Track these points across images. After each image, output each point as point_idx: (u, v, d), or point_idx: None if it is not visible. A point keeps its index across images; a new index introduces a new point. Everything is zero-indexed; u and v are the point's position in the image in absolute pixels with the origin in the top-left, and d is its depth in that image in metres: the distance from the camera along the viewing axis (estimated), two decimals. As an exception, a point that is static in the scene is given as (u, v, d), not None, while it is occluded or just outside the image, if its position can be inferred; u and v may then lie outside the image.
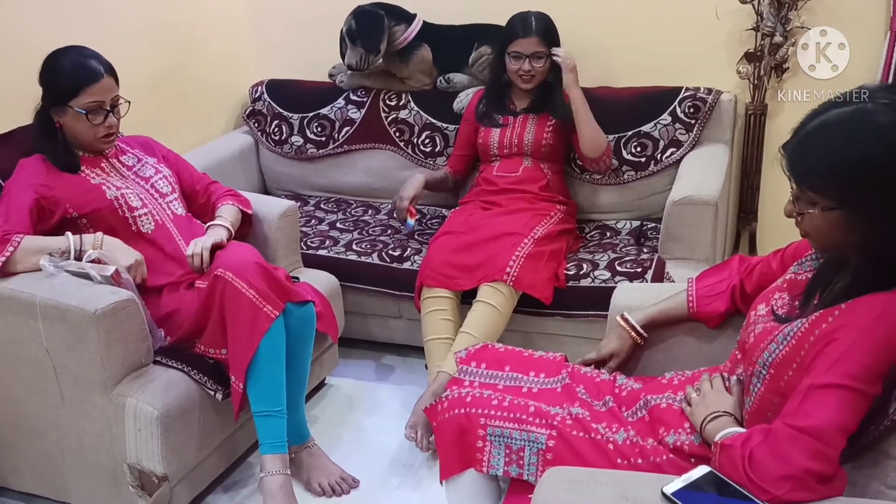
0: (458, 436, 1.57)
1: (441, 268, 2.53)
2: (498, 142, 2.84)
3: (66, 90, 2.09)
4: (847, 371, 1.20)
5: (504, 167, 2.84)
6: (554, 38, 2.77)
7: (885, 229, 1.23)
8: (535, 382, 1.67)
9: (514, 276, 2.45)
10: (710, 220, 2.52)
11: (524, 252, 2.51)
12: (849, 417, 1.19)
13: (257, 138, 3.38)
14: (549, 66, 2.78)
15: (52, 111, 2.12)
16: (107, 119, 2.14)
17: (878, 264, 1.26)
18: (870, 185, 1.21)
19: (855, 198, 1.22)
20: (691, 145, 2.90)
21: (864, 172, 1.21)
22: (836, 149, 1.22)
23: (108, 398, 1.97)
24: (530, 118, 2.83)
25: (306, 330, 2.21)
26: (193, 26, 3.22)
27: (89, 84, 2.09)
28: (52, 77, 2.10)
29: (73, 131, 2.14)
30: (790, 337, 1.31)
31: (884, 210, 1.21)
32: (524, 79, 2.78)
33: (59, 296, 1.93)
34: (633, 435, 1.52)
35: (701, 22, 2.92)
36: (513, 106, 2.88)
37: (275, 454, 2.08)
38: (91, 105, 2.10)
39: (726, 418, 1.39)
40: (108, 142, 2.20)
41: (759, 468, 1.19)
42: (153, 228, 2.21)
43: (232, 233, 2.30)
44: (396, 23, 3.06)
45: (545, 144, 2.80)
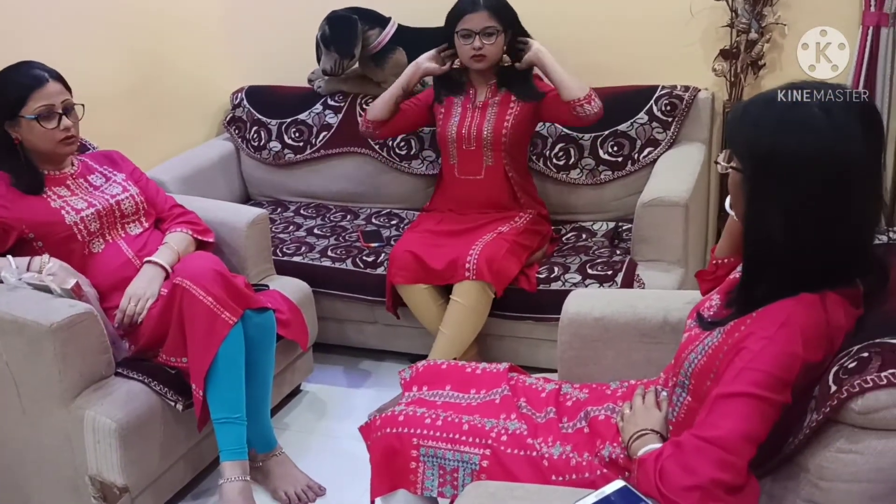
0: (388, 456, 1.56)
1: (408, 263, 2.53)
2: (456, 133, 2.68)
3: (13, 101, 2.10)
4: (752, 379, 1.18)
5: (464, 167, 2.73)
6: (506, 15, 2.59)
7: (762, 213, 1.24)
8: (474, 398, 1.66)
9: (475, 269, 2.44)
10: (680, 222, 2.50)
11: (483, 242, 2.51)
12: (755, 426, 1.17)
13: (238, 145, 3.39)
14: (502, 45, 2.61)
15: (6, 127, 2.13)
16: (61, 122, 2.14)
17: (778, 265, 1.24)
18: (770, 169, 1.22)
19: (753, 170, 1.25)
20: (669, 144, 2.88)
21: (772, 157, 1.21)
22: (764, 126, 1.24)
23: (67, 410, 1.99)
24: (490, 106, 2.67)
25: (266, 337, 2.22)
26: (170, 35, 3.23)
27: (34, 90, 2.10)
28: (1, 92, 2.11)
29: (32, 143, 2.15)
30: (708, 347, 1.31)
31: (768, 196, 1.22)
32: (475, 58, 2.59)
33: (15, 310, 1.96)
34: (569, 450, 1.50)
35: (675, 19, 2.88)
36: (472, 91, 2.72)
37: (234, 461, 2.09)
38: (41, 110, 2.11)
39: (651, 435, 1.38)
40: (68, 145, 2.19)
41: (668, 480, 1.18)
42: (103, 248, 2.23)
43: (168, 270, 2.24)
44: (370, 27, 3.05)
45: (506, 135, 2.64)
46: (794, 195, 1.20)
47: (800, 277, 1.23)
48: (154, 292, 2.17)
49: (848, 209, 1.21)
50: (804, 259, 1.23)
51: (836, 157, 1.18)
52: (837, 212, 1.21)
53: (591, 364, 1.84)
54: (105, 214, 2.24)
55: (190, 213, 2.44)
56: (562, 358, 1.88)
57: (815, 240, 1.22)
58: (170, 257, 2.25)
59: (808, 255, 1.23)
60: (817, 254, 1.23)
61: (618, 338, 1.82)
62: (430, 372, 1.76)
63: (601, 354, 1.83)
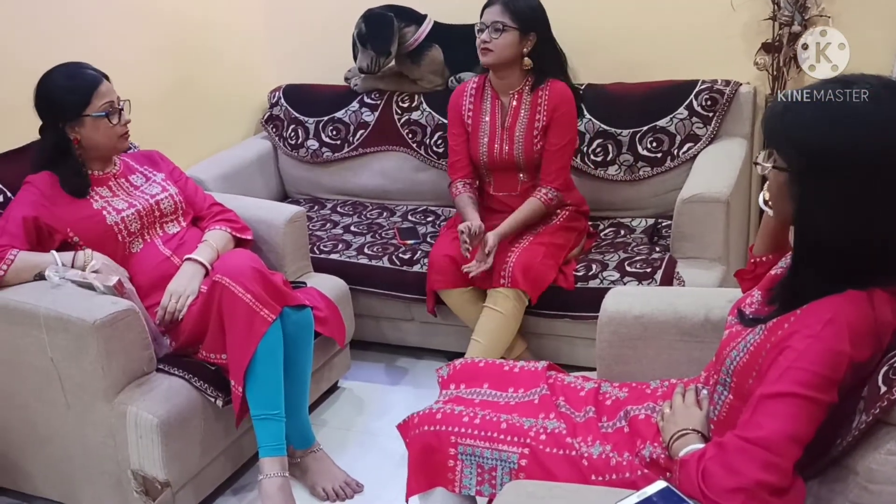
0: (426, 454, 1.56)
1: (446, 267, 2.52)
2: (487, 158, 2.62)
3: (76, 102, 2.14)
4: (797, 378, 1.15)
5: (500, 185, 2.68)
6: (524, 16, 2.48)
7: (815, 213, 1.20)
8: (512, 397, 1.65)
9: (510, 277, 2.42)
10: (721, 218, 2.46)
11: (519, 248, 2.49)
12: (801, 427, 1.15)
13: (275, 143, 3.42)
14: (514, 45, 2.48)
15: (67, 128, 2.16)
16: (121, 117, 2.20)
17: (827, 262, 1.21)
18: (823, 167, 1.18)
19: (804, 169, 1.21)
20: (709, 139, 2.83)
21: (825, 155, 1.18)
22: (813, 122, 1.20)
23: (110, 406, 2.02)
24: (518, 122, 2.58)
25: (304, 334, 2.23)
26: (209, 37, 3.27)
27: (95, 88, 2.15)
28: (56, 96, 2.15)
29: (93, 141, 2.19)
30: (750, 344, 1.28)
31: (822, 195, 1.19)
32: (482, 51, 2.51)
33: (61, 306, 1.99)
34: (609, 450, 1.48)
35: (716, 13, 2.83)
36: (498, 103, 2.62)
37: (273, 457, 2.11)
38: (105, 107, 2.16)
39: (692, 435, 1.35)
40: (126, 140, 2.26)
41: (711, 481, 1.16)
42: (142, 247, 2.26)
43: (208, 267, 2.25)
44: (406, 24, 3.06)
45: (537, 153, 2.58)
46: (847, 191, 1.17)
47: (848, 274, 1.20)
48: (194, 289, 2.20)
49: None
50: (854, 255, 1.20)
51: (890, 149, 1.15)
52: (890, 206, 1.17)
53: (631, 363, 1.82)
54: (145, 214, 2.27)
55: (228, 212, 2.46)
56: (600, 356, 1.85)
57: (866, 235, 1.19)
58: (209, 255, 2.27)
59: (858, 252, 1.20)
60: (867, 250, 1.20)
61: (658, 336, 1.79)
62: (467, 370, 1.75)
63: (641, 353, 1.81)
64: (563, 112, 2.56)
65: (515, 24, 2.48)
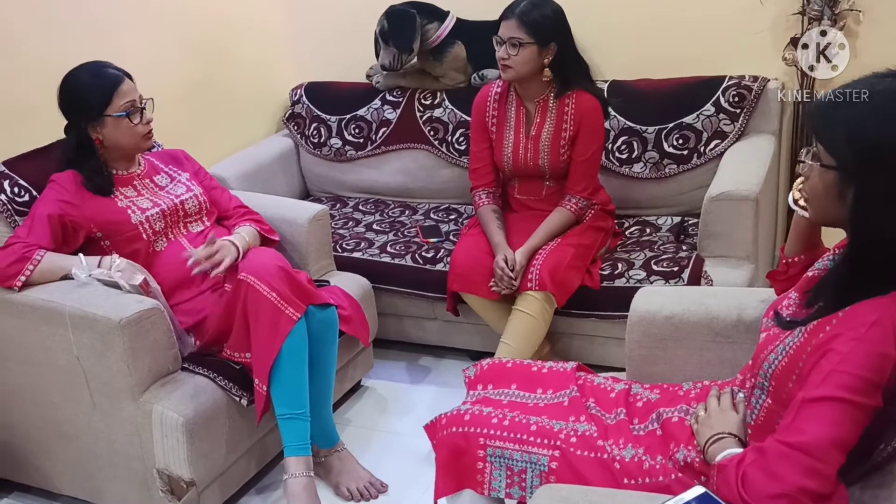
0: (455, 456, 1.54)
1: (469, 271, 2.49)
2: (512, 164, 2.58)
3: (98, 102, 2.14)
4: (841, 382, 1.12)
5: (524, 189, 2.65)
6: (541, 30, 2.39)
7: (871, 212, 1.16)
8: (541, 399, 1.62)
9: (537, 280, 2.40)
10: (750, 216, 2.42)
11: (546, 251, 2.46)
12: (844, 432, 1.12)
13: (297, 141, 3.41)
14: (533, 60, 2.42)
15: (89, 127, 2.16)
16: (143, 116, 2.20)
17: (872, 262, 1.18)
18: (878, 164, 1.15)
19: (856, 166, 1.17)
20: (737, 136, 2.79)
21: (880, 150, 1.15)
22: (866, 117, 1.17)
23: (136, 405, 2.02)
24: (544, 131, 2.54)
25: (328, 333, 2.22)
26: (231, 35, 3.26)
27: (116, 88, 2.14)
28: (78, 95, 2.15)
29: (115, 140, 2.19)
30: (790, 347, 1.25)
31: (877, 193, 1.15)
32: (502, 67, 2.46)
33: (86, 305, 1.99)
34: (641, 453, 1.46)
35: (744, 8, 2.80)
36: (523, 109, 2.57)
37: (298, 457, 2.10)
38: (126, 106, 2.16)
39: (729, 439, 1.32)
40: (149, 139, 2.25)
41: (751, 487, 1.13)
42: (166, 246, 2.25)
43: (240, 252, 2.23)
44: (429, 21, 3.04)
45: (563, 164, 2.54)
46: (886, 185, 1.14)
47: (894, 274, 1.17)
48: (233, 259, 2.17)
49: None
50: None
51: None
52: None
53: (662, 363, 1.79)
54: (169, 214, 2.26)
55: (255, 213, 2.46)
56: (630, 357, 1.83)
57: None
58: (243, 243, 2.26)
59: None
60: None
61: (689, 337, 1.76)
62: (494, 370, 1.73)
63: (671, 353, 1.78)
64: (591, 122, 2.51)
65: (532, 39, 2.39)
